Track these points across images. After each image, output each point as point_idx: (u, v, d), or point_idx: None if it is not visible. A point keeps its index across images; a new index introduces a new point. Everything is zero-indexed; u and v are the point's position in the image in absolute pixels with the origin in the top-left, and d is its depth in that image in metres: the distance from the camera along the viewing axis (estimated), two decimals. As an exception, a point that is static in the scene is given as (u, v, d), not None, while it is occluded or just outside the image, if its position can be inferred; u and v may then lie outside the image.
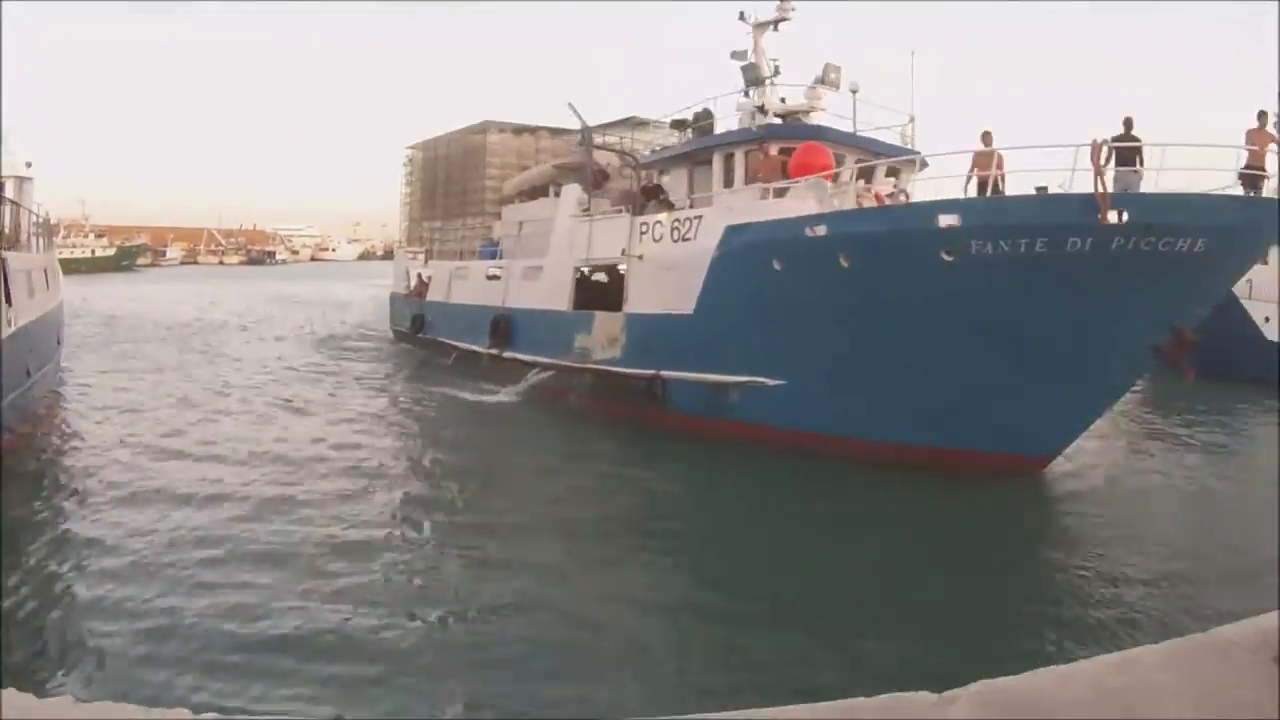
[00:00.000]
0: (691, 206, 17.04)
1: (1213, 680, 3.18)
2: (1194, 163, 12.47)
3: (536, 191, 24.11)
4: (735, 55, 18.74)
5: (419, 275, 29.49)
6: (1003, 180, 13.10)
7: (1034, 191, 13.00)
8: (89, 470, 13.76)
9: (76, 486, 12.86)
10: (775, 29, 18.36)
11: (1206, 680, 3.16)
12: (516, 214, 24.31)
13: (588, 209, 19.79)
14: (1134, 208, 11.71)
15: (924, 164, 17.13)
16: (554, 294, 19.88)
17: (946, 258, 12.30)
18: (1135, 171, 12.35)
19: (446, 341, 25.24)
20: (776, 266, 14.02)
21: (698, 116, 19.48)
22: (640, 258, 17.13)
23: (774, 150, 16.17)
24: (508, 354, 21.23)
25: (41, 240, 20.30)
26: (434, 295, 27.37)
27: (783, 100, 18.43)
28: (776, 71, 18.46)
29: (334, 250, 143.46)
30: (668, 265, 16.37)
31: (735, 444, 15.18)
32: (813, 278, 13.51)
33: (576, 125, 21.57)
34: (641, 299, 17.22)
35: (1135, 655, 2.99)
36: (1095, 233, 11.57)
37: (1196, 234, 11.52)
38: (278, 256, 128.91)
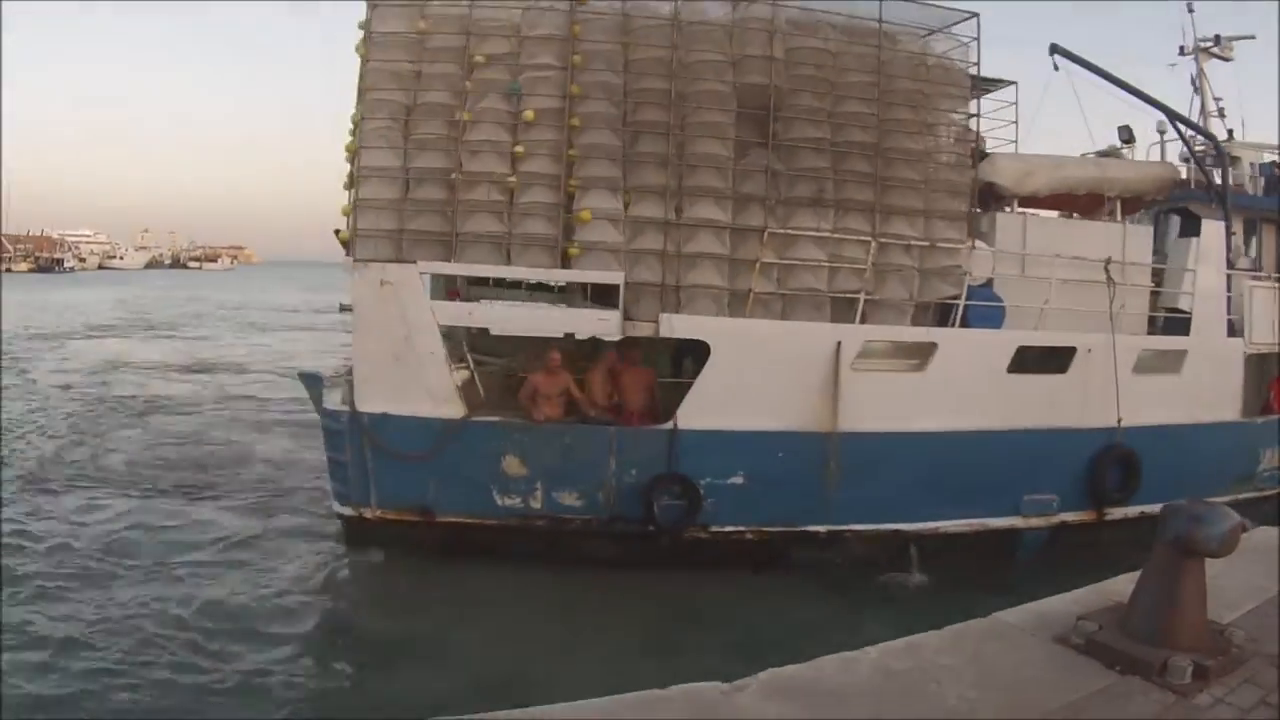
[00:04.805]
0: None
1: (993, 660, 3.33)
2: None
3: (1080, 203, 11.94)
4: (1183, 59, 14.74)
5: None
6: None
7: None
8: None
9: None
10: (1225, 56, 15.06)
11: (987, 660, 3.30)
12: (1054, 235, 10.92)
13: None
14: None
15: None
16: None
17: None
18: None
19: None
20: None
21: None
22: None
23: None
24: None
25: None
26: None
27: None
28: (1221, 114, 14.93)
29: (121, 258, 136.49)
30: None
31: None
32: None
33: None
34: None
35: (919, 640, 3.05)
36: None
37: None
38: (66, 264, 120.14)
